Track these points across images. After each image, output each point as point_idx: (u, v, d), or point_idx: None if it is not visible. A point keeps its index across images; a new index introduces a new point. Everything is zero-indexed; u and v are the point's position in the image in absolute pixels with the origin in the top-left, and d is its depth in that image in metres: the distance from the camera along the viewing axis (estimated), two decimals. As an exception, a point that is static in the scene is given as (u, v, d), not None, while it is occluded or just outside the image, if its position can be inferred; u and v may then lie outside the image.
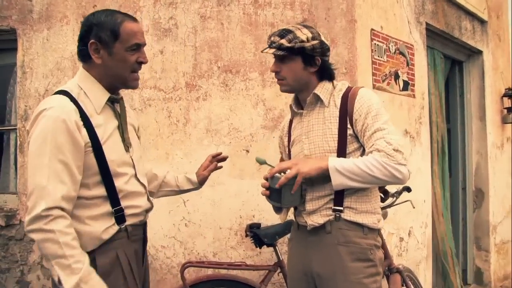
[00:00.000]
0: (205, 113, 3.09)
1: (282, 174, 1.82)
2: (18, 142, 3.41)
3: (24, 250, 3.42)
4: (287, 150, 2.13)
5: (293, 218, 2.09)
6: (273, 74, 2.00)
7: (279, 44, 1.87)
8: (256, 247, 2.74)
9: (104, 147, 1.62)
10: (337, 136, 1.90)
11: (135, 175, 1.73)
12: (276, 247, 2.71)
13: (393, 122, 3.33)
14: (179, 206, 3.09)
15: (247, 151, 3.03)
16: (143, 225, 1.79)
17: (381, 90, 3.19)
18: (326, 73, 1.97)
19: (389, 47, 3.31)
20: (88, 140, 1.58)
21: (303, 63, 1.90)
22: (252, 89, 3.04)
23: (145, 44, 1.72)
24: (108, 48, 1.64)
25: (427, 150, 3.75)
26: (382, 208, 2.78)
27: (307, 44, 1.87)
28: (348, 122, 1.89)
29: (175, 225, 3.09)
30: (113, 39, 1.63)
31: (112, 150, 1.65)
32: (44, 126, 1.54)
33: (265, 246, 2.70)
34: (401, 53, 3.45)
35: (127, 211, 1.67)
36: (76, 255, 1.50)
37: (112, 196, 1.63)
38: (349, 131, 1.89)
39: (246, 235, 2.77)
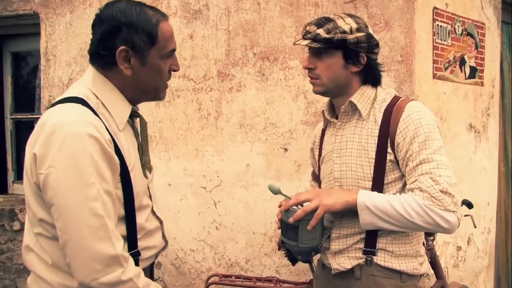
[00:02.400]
0: (238, 105, 2.79)
1: (300, 207, 1.49)
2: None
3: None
4: (317, 166, 1.79)
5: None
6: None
7: (315, 34, 1.53)
8: (290, 261, 2.46)
9: (131, 175, 1.28)
10: (374, 161, 1.52)
11: (152, 207, 1.42)
12: (312, 263, 2.41)
13: (455, 115, 2.95)
14: (209, 208, 2.85)
15: (285, 149, 2.72)
16: (150, 266, 1.47)
17: (443, 79, 2.75)
18: (371, 75, 1.60)
19: (454, 28, 2.82)
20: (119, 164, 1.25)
21: (344, 59, 1.54)
22: (292, 79, 2.69)
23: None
24: (142, 56, 1.29)
25: (494, 146, 3.27)
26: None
27: (350, 37, 1.51)
28: (388, 145, 1.51)
29: (205, 227, 2.86)
30: (149, 45, 1.29)
31: (139, 178, 1.33)
32: (74, 147, 1.15)
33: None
34: (469, 34, 2.95)
35: (143, 254, 1.34)
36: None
37: (131, 236, 1.29)
38: (390, 156, 1.52)
39: (279, 248, 2.48)
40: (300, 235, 1.50)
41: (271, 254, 2.77)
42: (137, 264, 1.31)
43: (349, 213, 1.52)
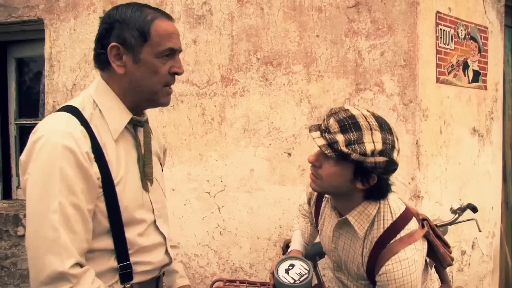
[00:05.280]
0: (242, 110, 2.79)
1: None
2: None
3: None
4: (315, 221, 1.75)
5: None
6: (320, 67, 1.54)
7: (333, 140, 1.35)
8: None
9: (118, 189, 1.25)
10: (367, 279, 1.53)
11: (154, 221, 1.37)
12: (317, 268, 2.41)
13: (459, 119, 2.94)
14: (213, 213, 2.85)
15: (289, 154, 2.72)
16: (156, 279, 1.42)
17: (446, 83, 2.75)
18: (377, 194, 1.45)
19: (457, 32, 2.83)
20: (100, 178, 1.22)
21: (353, 174, 1.38)
22: (296, 84, 2.69)
23: (180, 50, 1.34)
24: (134, 54, 1.25)
25: (498, 150, 3.27)
26: (442, 225, 2.41)
27: (369, 160, 1.33)
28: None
29: (209, 232, 2.86)
30: (141, 42, 1.25)
31: (128, 192, 1.28)
32: (47, 157, 1.16)
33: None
34: (472, 38, 2.95)
35: (137, 268, 1.31)
36: None
37: (120, 250, 1.27)
38: None
39: (283, 253, 2.48)
40: None
41: (275, 259, 2.76)
42: (130, 277, 1.30)
43: (353, 278, 1.56)
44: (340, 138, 1.34)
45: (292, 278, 1.54)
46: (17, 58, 3.71)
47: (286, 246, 2.43)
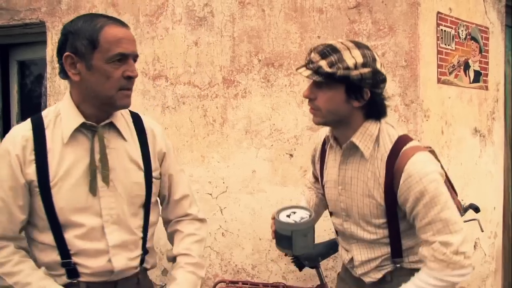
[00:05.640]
0: (244, 112, 2.79)
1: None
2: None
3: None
4: (318, 176, 1.79)
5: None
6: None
7: (317, 66, 1.45)
8: (297, 267, 2.45)
9: (53, 190, 1.36)
10: (384, 208, 1.52)
11: (103, 227, 1.41)
12: (319, 269, 2.41)
13: (460, 119, 2.95)
14: (215, 214, 2.85)
15: (291, 155, 2.72)
16: (113, 283, 1.45)
17: (447, 84, 2.75)
18: (375, 111, 1.53)
19: (458, 32, 2.83)
20: (35, 179, 1.36)
21: (346, 94, 1.47)
22: (297, 85, 2.70)
23: (135, 55, 1.40)
24: (86, 61, 1.33)
25: (500, 150, 3.27)
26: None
27: (354, 73, 1.44)
28: (396, 196, 1.50)
29: (211, 234, 2.86)
30: (91, 49, 1.33)
31: (64, 194, 1.37)
32: None
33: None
34: (473, 39, 2.96)
35: (79, 269, 1.41)
36: (20, 280, 1.36)
37: (61, 247, 1.39)
38: (399, 202, 1.52)
39: (286, 254, 2.49)
40: (294, 244, 1.55)
41: (277, 260, 2.77)
42: (77, 274, 1.40)
43: (365, 242, 1.58)
44: (322, 63, 1.45)
45: (294, 220, 1.54)
46: (19, 60, 3.72)
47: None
